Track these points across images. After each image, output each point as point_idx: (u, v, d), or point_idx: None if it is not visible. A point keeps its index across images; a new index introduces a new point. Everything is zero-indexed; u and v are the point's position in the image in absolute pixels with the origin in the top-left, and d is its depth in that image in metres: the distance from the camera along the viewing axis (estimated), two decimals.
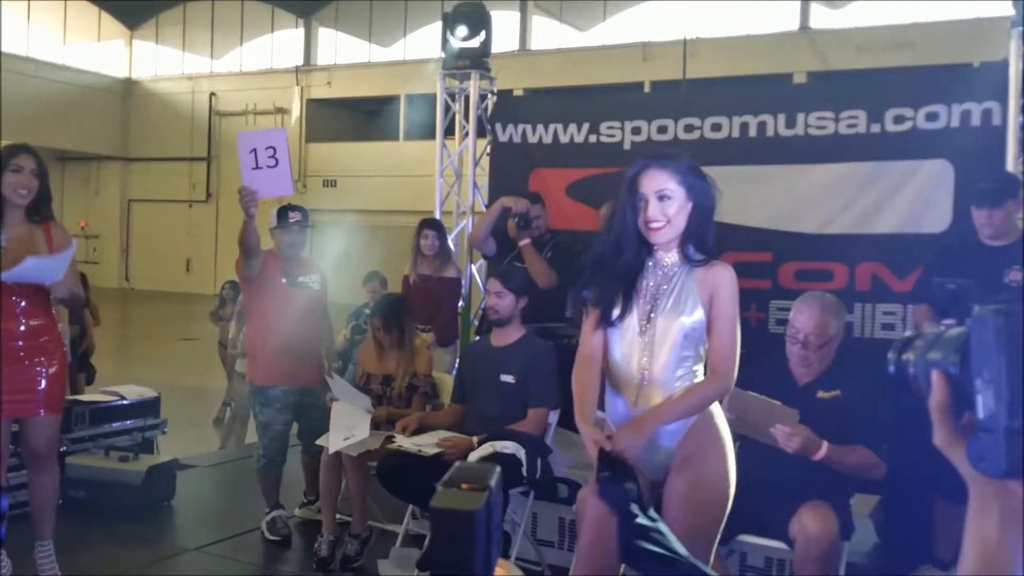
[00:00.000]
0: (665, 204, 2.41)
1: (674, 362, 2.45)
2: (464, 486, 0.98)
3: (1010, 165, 4.21)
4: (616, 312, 2.48)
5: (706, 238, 2.48)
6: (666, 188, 2.41)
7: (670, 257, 2.49)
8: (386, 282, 6.49)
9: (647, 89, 18.11)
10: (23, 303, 3.44)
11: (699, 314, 2.44)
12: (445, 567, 0.94)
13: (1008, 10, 4.30)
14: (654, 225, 2.42)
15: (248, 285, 4.48)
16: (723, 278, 2.47)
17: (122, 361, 11.61)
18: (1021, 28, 4.18)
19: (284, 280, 4.41)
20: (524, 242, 4.70)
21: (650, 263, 2.50)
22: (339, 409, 4.09)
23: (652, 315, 2.46)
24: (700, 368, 2.50)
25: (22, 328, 3.45)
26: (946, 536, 3.74)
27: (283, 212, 4.47)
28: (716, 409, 2.53)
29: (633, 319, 2.47)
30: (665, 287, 2.47)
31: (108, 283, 24.60)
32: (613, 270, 2.49)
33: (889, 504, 4.13)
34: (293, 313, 4.39)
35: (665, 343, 2.45)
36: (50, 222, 3.56)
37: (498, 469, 1.04)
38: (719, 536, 2.53)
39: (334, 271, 6.67)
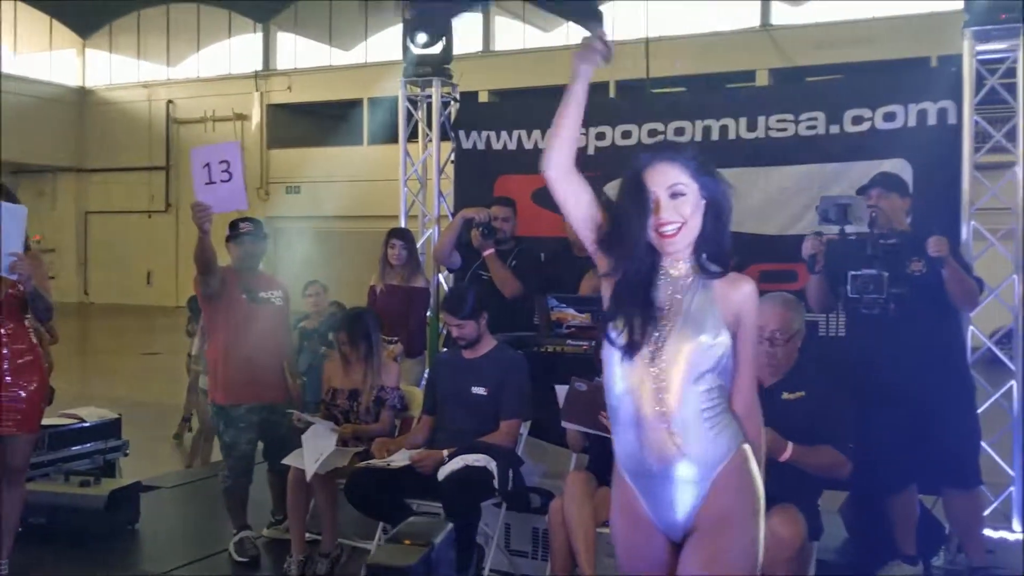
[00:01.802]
0: (679, 202, 2.03)
1: (695, 393, 2.02)
2: (407, 542, 0.95)
3: (966, 163, 4.27)
4: (628, 334, 2.04)
5: (723, 246, 2.09)
6: (679, 183, 2.03)
7: (679, 268, 2.09)
8: (326, 288, 6.36)
9: (612, 89, 18.21)
10: (6, 328, 3.60)
11: (724, 337, 2.04)
12: None
13: (962, 4, 4.36)
14: (668, 229, 2.02)
15: (207, 302, 4.40)
16: (750, 298, 2.09)
17: (83, 378, 11.38)
18: (973, 28, 4.23)
19: (244, 296, 4.34)
20: (488, 252, 4.67)
21: (660, 277, 2.10)
22: (310, 432, 4.06)
23: (660, 338, 2.04)
24: (723, 423, 2.05)
25: (4, 351, 3.58)
26: (904, 530, 3.79)
27: (235, 224, 4.40)
28: (750, 453, 2.09)
29: (641, 343, 2.04)
30: (676, 304, 2.06)
31: (67, 298, 24.14)
32: (631, 287, 2.08)
33: (857, 500, 4.16)
34: (254, 330, 4.32)
35: (678, 370, 2.02)
36: None
37: (449, 526, 1.01)
38: None
39: (298, 280, 6.58)
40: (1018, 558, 3.99)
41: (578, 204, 2.12)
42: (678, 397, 2.01)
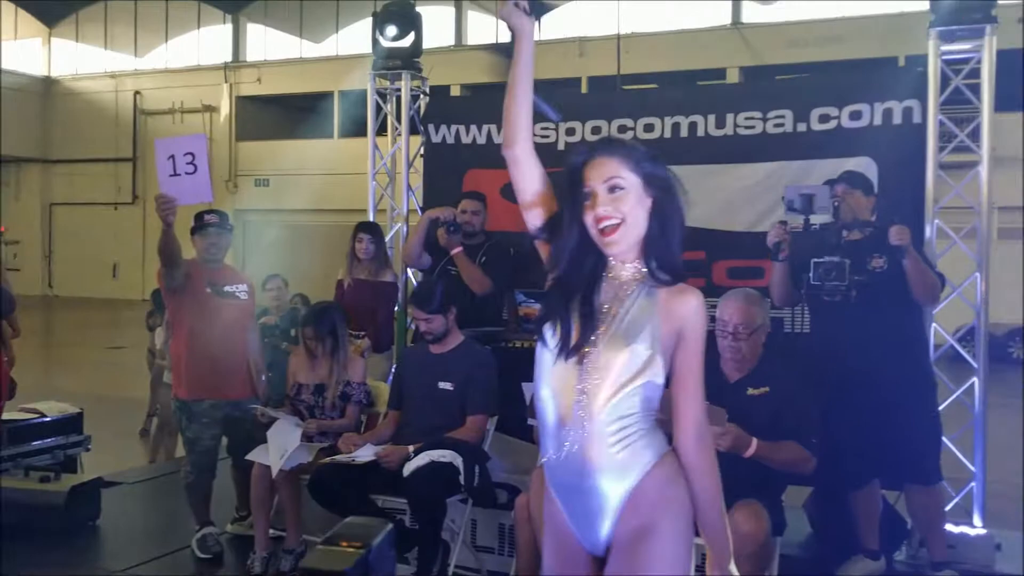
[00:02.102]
0: (617, 197, 1.89)
1: (618, 404, 1.89)
2: (343, 544, 0.93)
3: (930, 161, 4.32)
4: (561, 336, 1.92)
5: (673, 250, 1.93)
6: (617, 177, 1.90)
7: (625, 272, 1.95)
8: (287, 283, 6.29)
9: (584, 84, 18.22)
10: None
11: (656, 350, 1.89)
12: None
13: (929, 5, 4.40)
14: (605, 225, 1.89)
15: (171, 296, 4.34)
16: (694, 312, 1.91)
17: (46, 372, 11.20)
18: (939, 28, 4.27)
19: (208, 290, 4.28)
20: (456, 250, 4.65)
21: (605, 277, 1.96)
22: (275, 428, 4.02)
23: (593, 344, 1.91)
24: (645, 435, 1.91)
25: None
26: (867, 525, 3.83)
27: (200, 215, 4.34)
28: (674, 463, 1.95)
29: (573, 347, 1.92)
30: (614, 309, 1.92)
31: (30, 290, 23.75)
32: (564, 282, 1.96)
33: (821, 496, 4.20)
34: (219, 324, 4.27)
35: (604, 379, 1.89)
36: None
37: (388, 527, 0.99)
38: None
39: (264, 273, 6.51)
40: (979, 552, 4.05)
41: (532, 179, 2.02)
42: (603, 406, 1.88)
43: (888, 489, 4.05)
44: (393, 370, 4.75)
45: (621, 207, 1.89)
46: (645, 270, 1.93)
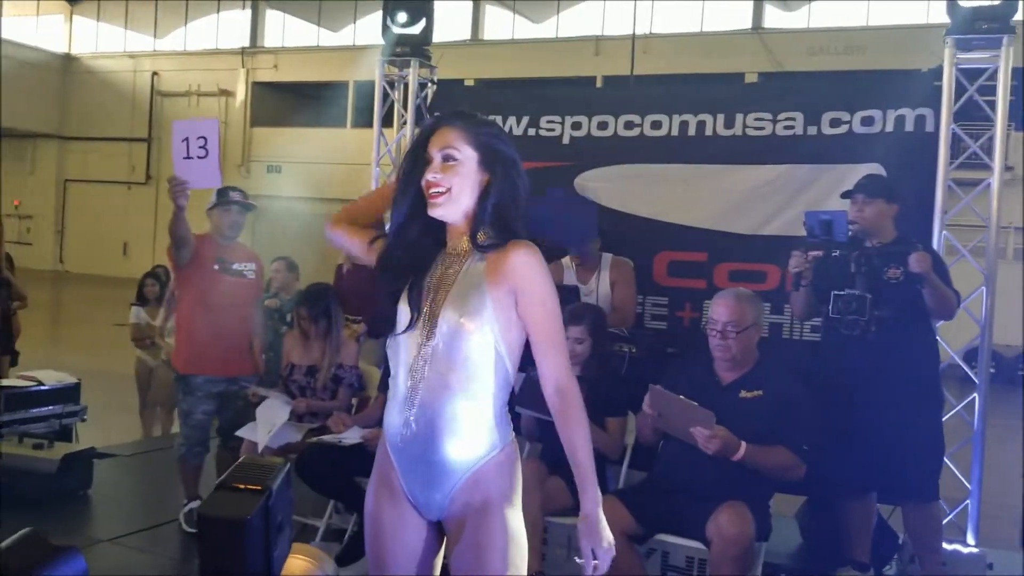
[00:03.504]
0: (449, 167, 1.90)
1: (464, 382, 1.88)
2: (240, 486, 0.89)
3: (941, 171, 4.27)
4: (402, 316, 1.93)
5: (498, 228, 1.93)
6: (452, 148, 1.90)
7: (461, 245, 1.95)
8: (295, 266, 6.27)
9: (598, 84, 18.16)
10: None
11: (487, 315, 1.87)
12: None
13: None
14: (432, 192, 1.90)
15: (179, 270, 4.34)
16: (521, 264, 1.88)
17: (51, 346, 11.25)
18: (955, 36, 4.22)
19: (216, 267, 4.27)
20: None
21: (442, 255, 1.97)
22: (264, 405, 4.03)
23: (431, 319, 1.90)
24: (486, 402, 1.91)
25: None
26: (859, 537, 3.78)
27: (223, 191, 4.34)
28: (516, 448, 1.99)
29: (414, 325, 1.92)
30: (448, 280, 1.92)
31: (41, 265, 23.89)
32: (401, 258, 1.96)
33: (814, 505, 4.16)
34: (223, 300, 4.25)
35: (446, 356, 1.88)
36: None
37: (286, 467, 0.95)
38: None
39: (272, 259, 6.48)
40: (970, 571, 3.99)
41: (361, 242, 2.13)
42: (446, 383, 1.88)
43: (884, 503, 4.00)
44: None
45: (450, 176, 1.90)
46: (471, 242, 1.94)
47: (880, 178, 3.95)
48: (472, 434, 1.91)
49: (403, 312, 1.93)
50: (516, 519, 1.94)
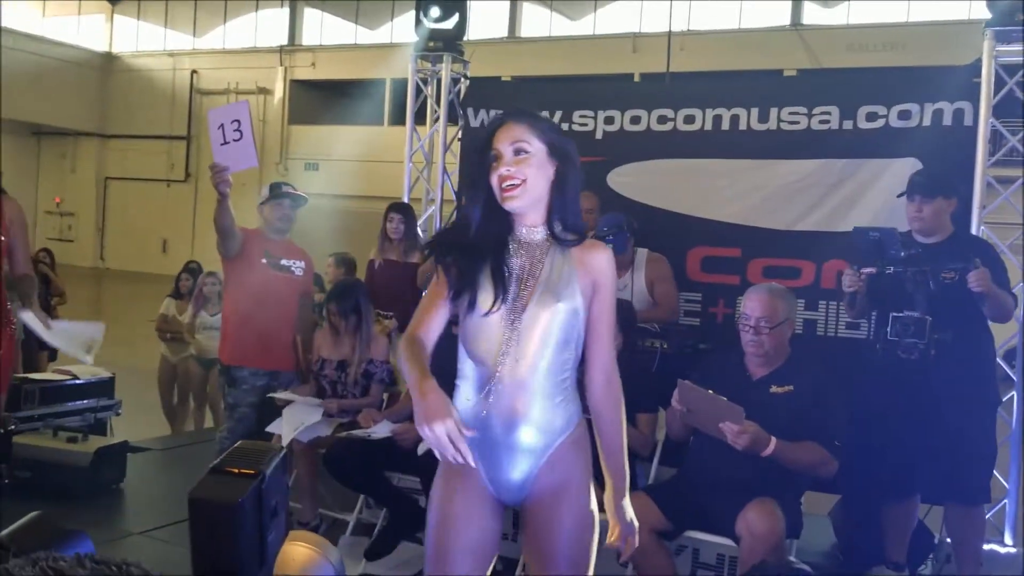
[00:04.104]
0: (521, 159, 2.01)
1: (548, 362, 2.01)
2: (234, 470, 0.87)
3: (979, 165, 4.17)
4: (485, 298, 2.01)
5: (574, 214, 2.08)
6: (523, 141, 2.01)
7: (538, 235, 2.07)
8: (351, 263, 6.29)
9: (636, 81, 18.03)
10: None
11: (579, 305, 2.03)
12: (206, 565, 0.84)
13: None
14: (508, 185, 1.99)
15: (227, 263, 4.35)
16: (606, 264, 2.07)
17: None
18: (995, 28, 4.12)
19: (264, 260, 4.29)
20: None
21: (512, 243, 2.07)
22: (292, 407, 4.05)
23: (519, 303, 2.01)
24: (570, 395, 2.07)
25: None
26: (897, 538, 3.70)
27: (276, 185, 4.37)
28: (585, 427, 2.12)
29: (500, 307, 2.01)
30: (535, 270, 2.03)
31: (83, 262, 24.31)
32: (474, 246, 2.04)
33: (848, 504, 4.09)
34: (268, 295, 4.26)
35: (534, 337, 2.00)
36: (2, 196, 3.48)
37: (282, 452, 0.94)
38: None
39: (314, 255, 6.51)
40: (1008, 571, 3.91)
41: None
42: (531, 364, 2.00)
43: (927, 503, 3.91)
44: None
45: (524, 169, 2.00)
46: (552, 234, 2.06)
47: (934, 174, 3.79)
48: (550, 415, 2.03)
49: (485, 296, 2.01)
50: (591, 497, 2.08)
